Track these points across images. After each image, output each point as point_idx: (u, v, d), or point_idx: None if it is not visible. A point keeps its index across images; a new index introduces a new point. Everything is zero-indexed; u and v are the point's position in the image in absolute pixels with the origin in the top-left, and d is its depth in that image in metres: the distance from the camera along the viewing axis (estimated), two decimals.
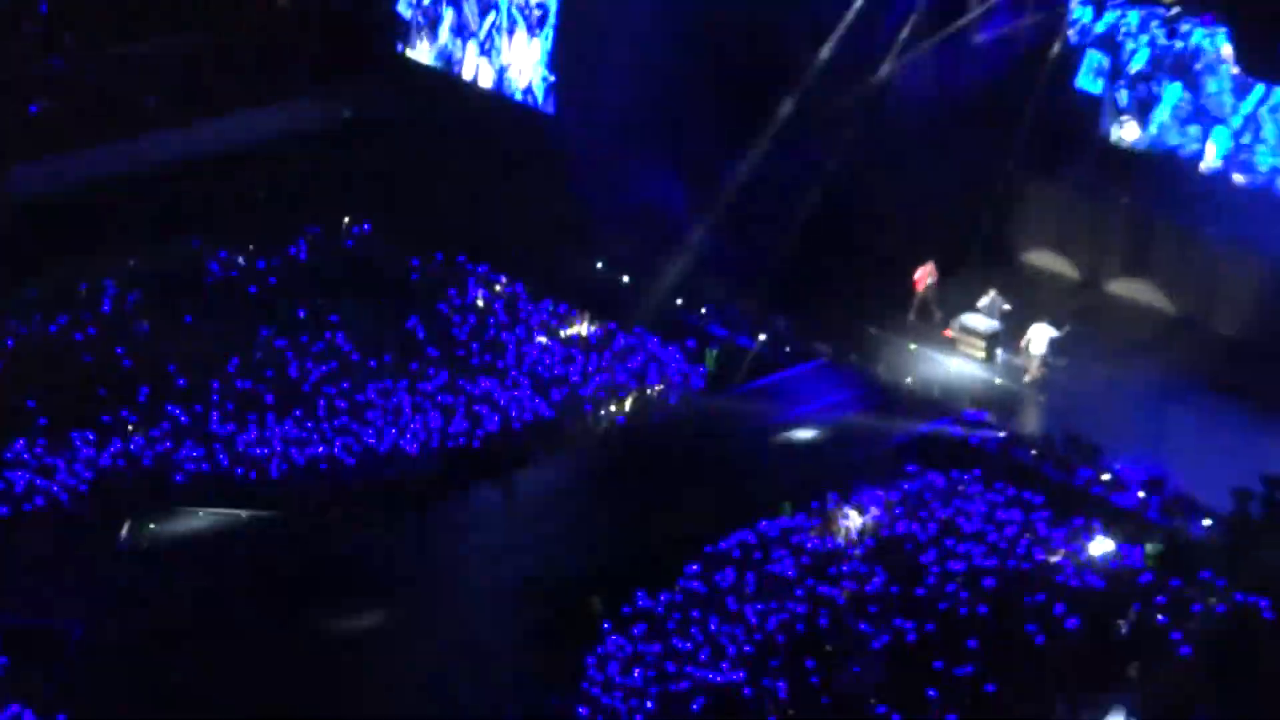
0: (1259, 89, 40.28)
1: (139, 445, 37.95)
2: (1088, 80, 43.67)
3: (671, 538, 35.11)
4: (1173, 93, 41.97)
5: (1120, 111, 43.19)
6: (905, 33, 44.07)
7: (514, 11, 49.46)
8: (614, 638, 32.44)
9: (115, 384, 40.13)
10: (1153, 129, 42.70)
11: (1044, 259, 44.80)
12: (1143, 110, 42.84)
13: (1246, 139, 41.00)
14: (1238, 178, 41.26)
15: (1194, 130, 41.97)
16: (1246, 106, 40.80)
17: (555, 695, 31.40)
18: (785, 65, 44.78)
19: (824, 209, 44.42)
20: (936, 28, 44.09)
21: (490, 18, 50.06)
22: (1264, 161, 40.77)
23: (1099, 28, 43.14)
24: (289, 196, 47.95)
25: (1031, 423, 38.94)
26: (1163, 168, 42.34)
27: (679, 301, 43.30)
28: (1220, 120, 41.36)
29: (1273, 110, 40.17)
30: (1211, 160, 41.53)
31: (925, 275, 41.94)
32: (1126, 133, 42.99)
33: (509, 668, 32.26)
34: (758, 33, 45.32)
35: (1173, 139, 42.21)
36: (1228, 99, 41.10)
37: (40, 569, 34.63)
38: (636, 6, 45.55)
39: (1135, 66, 42.74)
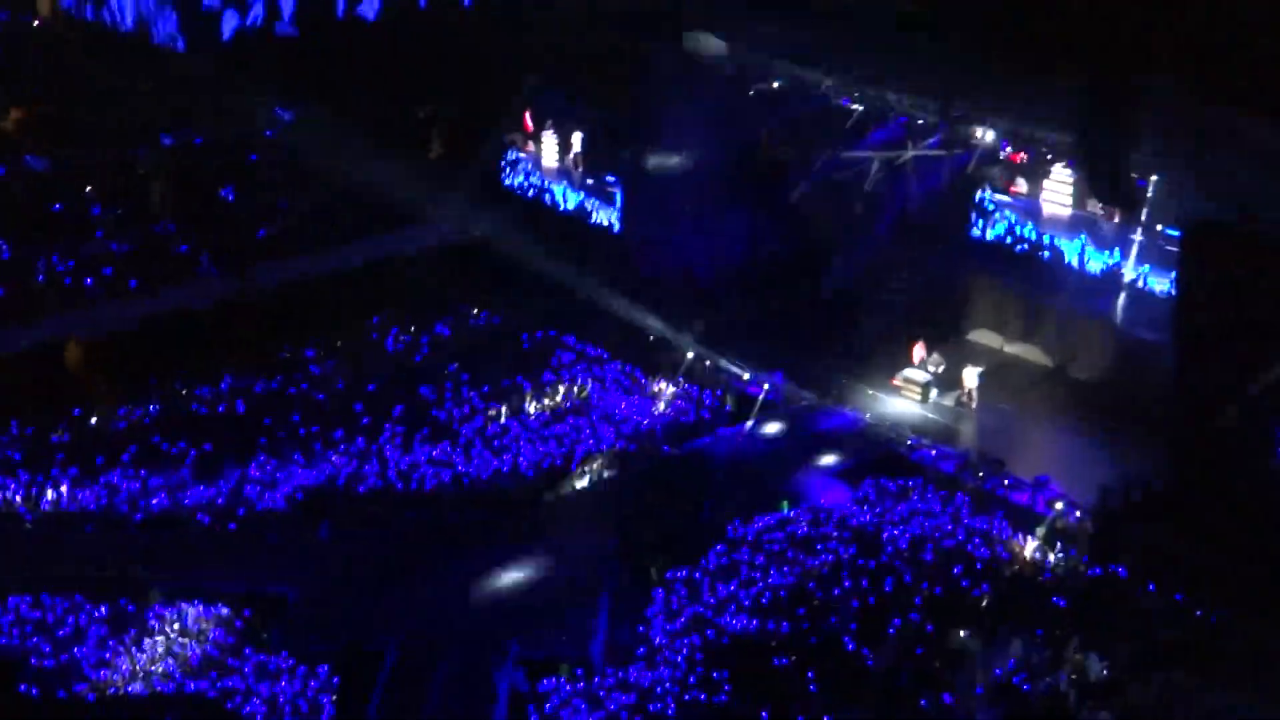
0: None
1: (339, 465, 38.53)
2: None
3: (703, 524, 35.75)
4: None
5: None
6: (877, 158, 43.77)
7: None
8: (660, 591, 33.37)
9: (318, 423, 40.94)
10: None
11: (977, 334, 44.44)
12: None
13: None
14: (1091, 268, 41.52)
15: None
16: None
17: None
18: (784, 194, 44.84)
19: (817, 289, 44.43)
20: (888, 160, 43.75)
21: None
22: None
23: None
24: (438, 292, 48.07)
25: (955, 443, 39.15)
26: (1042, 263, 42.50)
27: (708, 362, 43.04)
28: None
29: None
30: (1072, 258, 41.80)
31: (920, 349, 41.79)
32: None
33: (594, 608, 32.86)
34: (768, 179, 45.29)
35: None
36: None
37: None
38: (679, 186, 45.55)
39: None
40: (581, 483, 38.04)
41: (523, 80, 50.79)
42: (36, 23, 49.84)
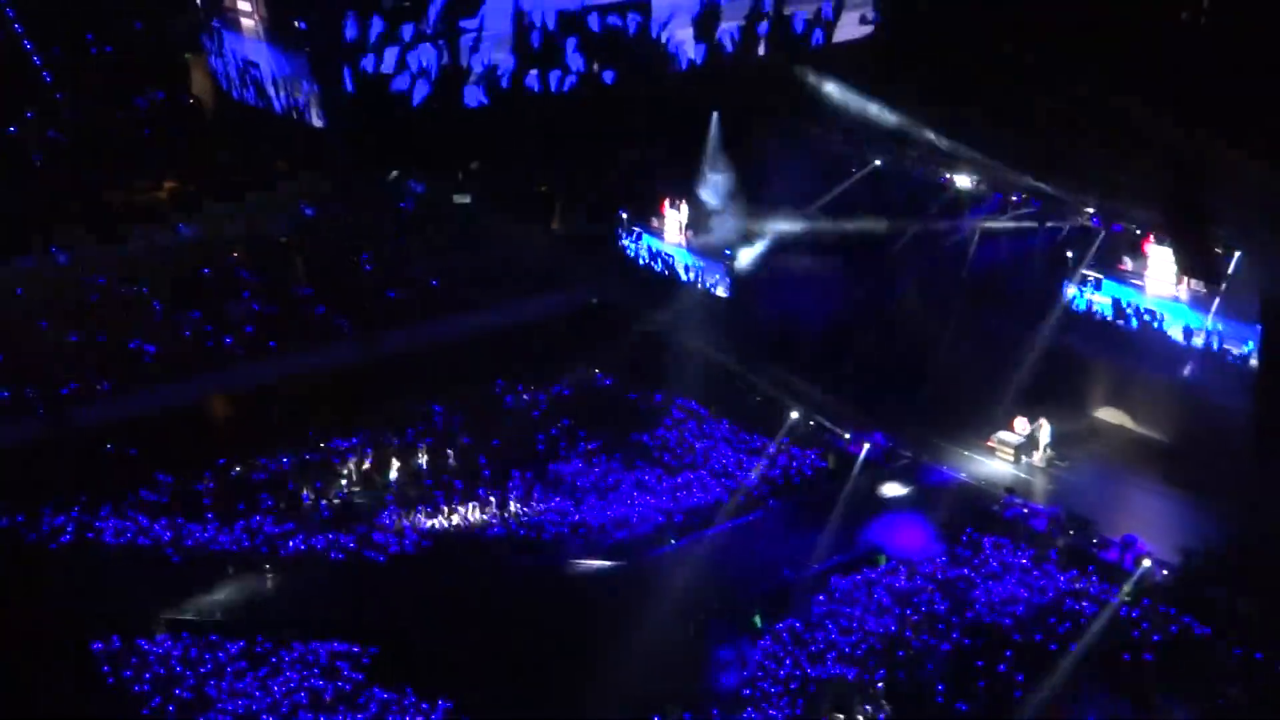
0: None
1: (462, 513, 39.57)
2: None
3: (806, 576, 36.29)
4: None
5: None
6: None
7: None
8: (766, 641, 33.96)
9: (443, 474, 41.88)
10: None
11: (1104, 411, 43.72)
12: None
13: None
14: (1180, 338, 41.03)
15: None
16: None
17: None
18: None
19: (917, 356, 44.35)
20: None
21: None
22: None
23: None
24: (557, 355, 48.63)
25: (1045, 502, 39.33)
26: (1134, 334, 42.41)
27: (811, 422, 43.49)
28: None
29: None
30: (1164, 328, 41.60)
31: (1022, 419, 41.68)
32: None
33: (703, 655, 33.57)
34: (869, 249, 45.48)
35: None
36: None
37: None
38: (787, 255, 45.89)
39: None
40: (690, 534, 38.49)
41: (642, 153, 51.28)
42: (191, 100, 51.21)
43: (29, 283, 46.92)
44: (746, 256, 48.12)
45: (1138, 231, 40.52)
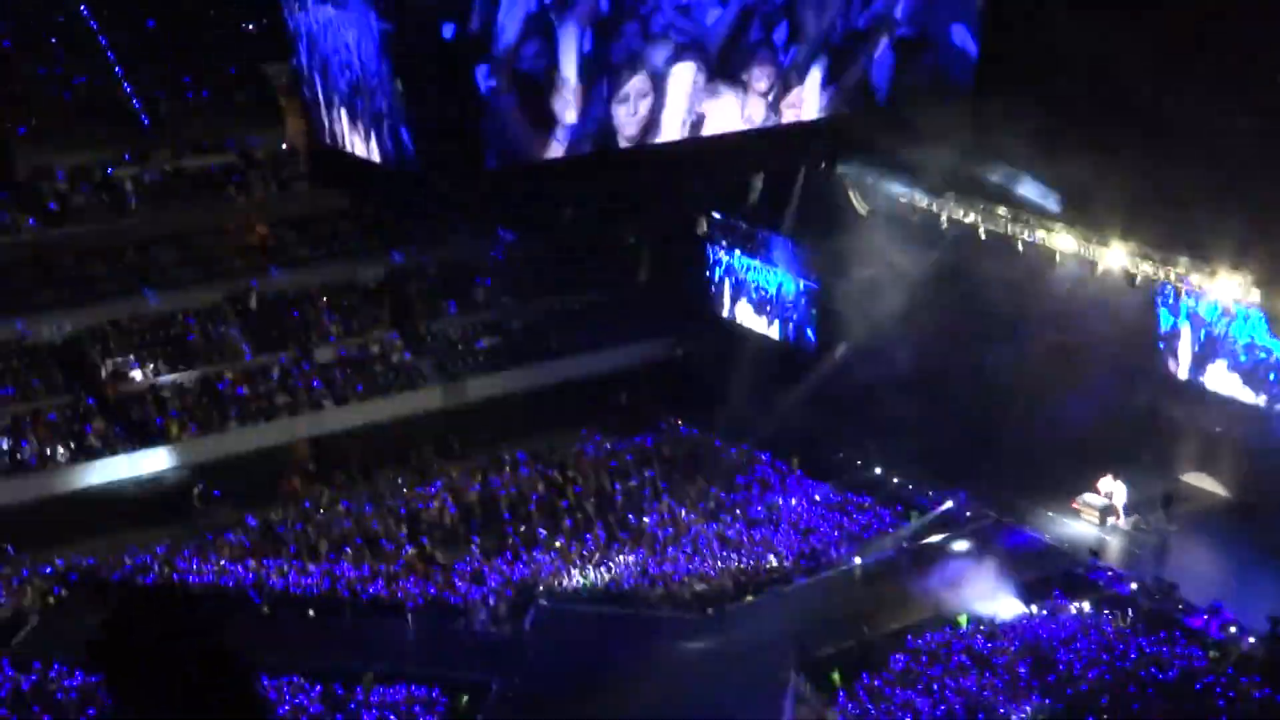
0: None
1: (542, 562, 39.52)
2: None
3: (884, 635, 35.95)
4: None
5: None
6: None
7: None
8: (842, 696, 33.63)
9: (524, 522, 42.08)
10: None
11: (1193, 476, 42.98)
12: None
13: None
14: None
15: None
16: None
17: None
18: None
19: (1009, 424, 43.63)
20: None
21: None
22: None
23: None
24: (644, 404, 49.17)
25: (1125, 562, 39.06)
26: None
27: (895, 480, 43.50)
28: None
29: None
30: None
31: (1108, 480, 41.23)
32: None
33: (775, 708, 33.29)
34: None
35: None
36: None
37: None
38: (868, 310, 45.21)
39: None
40: (768, 589, 38.36)
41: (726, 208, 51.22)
42: (285, 146, 51.79)
43: (128, 321, 47.24)
44: (829, 312, 47.69)
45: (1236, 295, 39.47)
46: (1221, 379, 40.57)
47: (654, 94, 39.21)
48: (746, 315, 51.55)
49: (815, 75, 41.77)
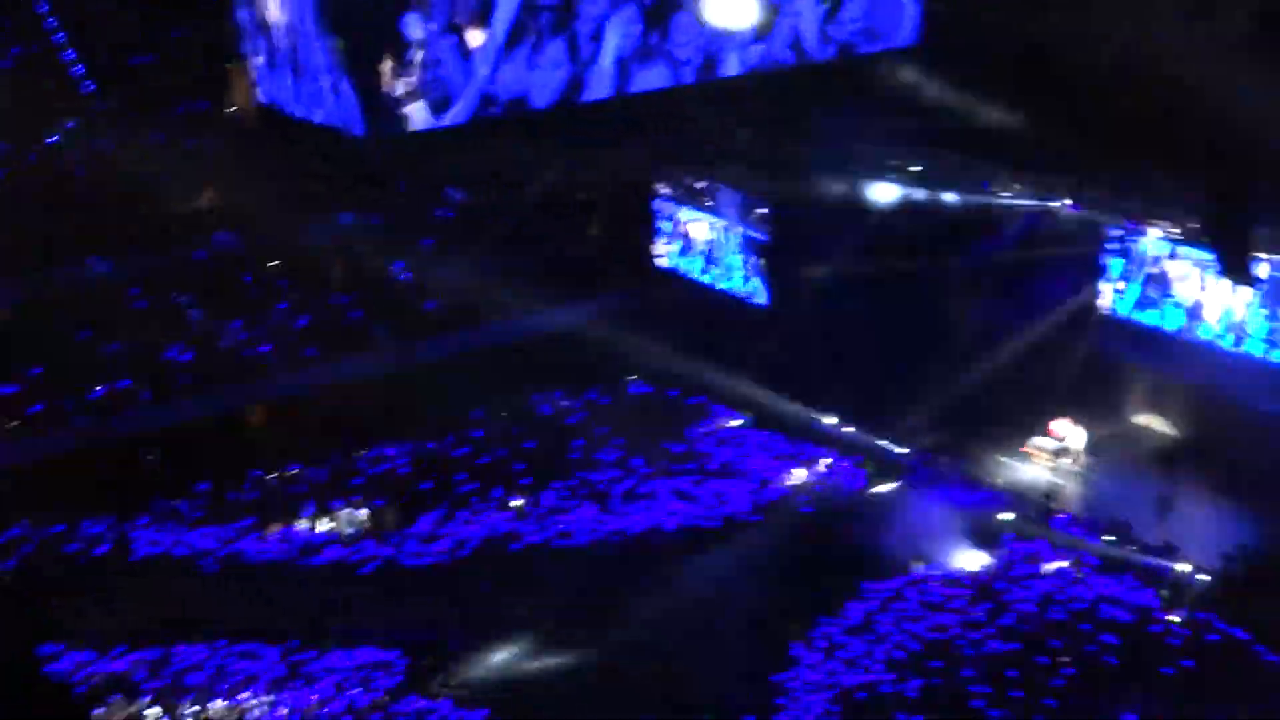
0: None
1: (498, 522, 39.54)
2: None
3: (839, 585, 35.95)
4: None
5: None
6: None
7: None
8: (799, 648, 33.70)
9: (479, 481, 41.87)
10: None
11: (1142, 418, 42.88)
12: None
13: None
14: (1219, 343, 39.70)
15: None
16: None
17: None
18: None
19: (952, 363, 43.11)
20: None
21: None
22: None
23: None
24: (593, 362, 48.24)
25: (1077, 505, 39.20)
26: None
27: (848, 429, 43.46)
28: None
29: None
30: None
31: (1061, 423, 41.44)
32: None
33: (734, 660, 33.14)
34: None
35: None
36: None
37: None
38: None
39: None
40: (725, 543, 38.26)
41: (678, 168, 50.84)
42: (233, 110, 51.16)
43: (70, 292, 46.70)
44: (780, 268, 47.50)
45: (1175, 234, 39.67)
46: (1168, 320, 40.65)
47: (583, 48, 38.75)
48: (696, 270, 51.13)
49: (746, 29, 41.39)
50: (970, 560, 36.71)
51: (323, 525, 39.47)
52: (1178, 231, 39.09)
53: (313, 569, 37.74)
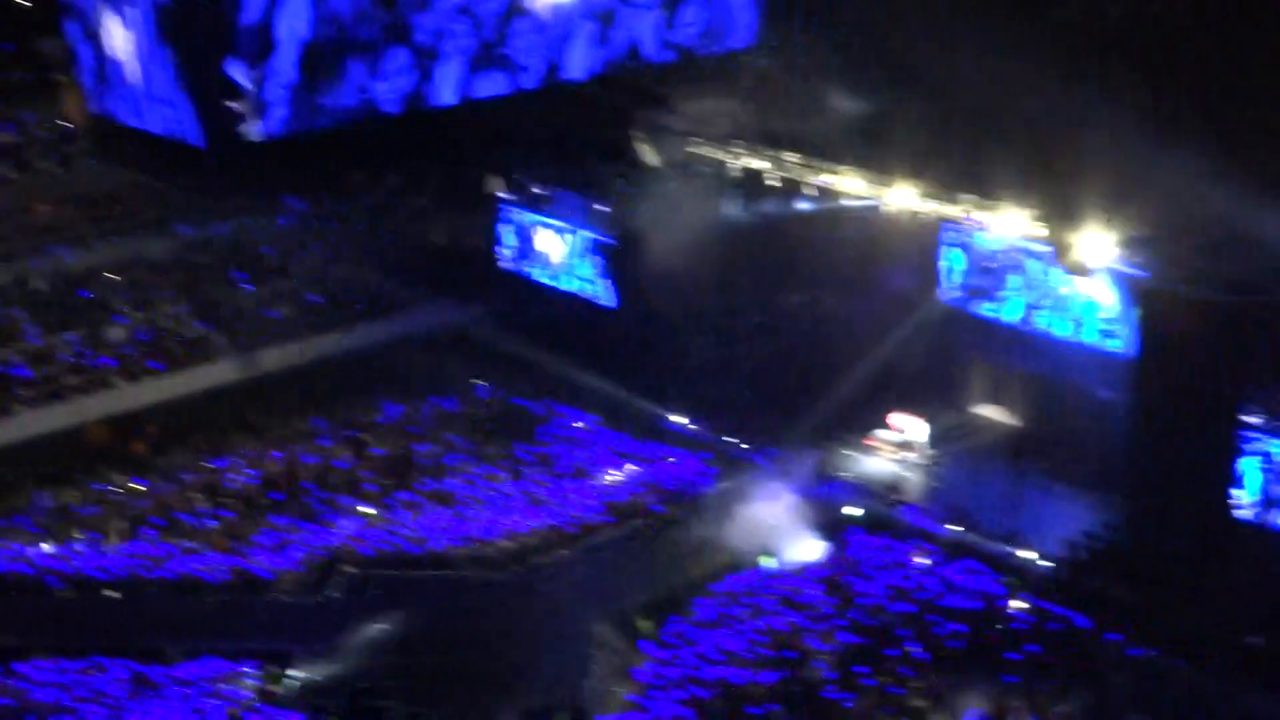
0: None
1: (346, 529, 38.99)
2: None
3: (690, 582, 36.16)
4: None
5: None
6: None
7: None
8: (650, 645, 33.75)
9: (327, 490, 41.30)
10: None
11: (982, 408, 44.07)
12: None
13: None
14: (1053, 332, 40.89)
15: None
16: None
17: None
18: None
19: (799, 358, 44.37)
20: None
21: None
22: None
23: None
24: (439, 367, 48.08)
25: (926, 499, 39.68)
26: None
27: (697, 428, 43.48)
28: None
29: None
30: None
31: (901, 415, 41.97)
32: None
33: (587, 660, 33.47)
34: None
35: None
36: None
37: None
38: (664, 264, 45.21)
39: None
40: (577, 544, 38.19)
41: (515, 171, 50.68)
42: (63, 122, 50.34)
43: None
44: (625, 268, 47.56)
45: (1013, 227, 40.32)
46: (1007, 311, 41.34)
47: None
48: (542, 274, 50.89)
49: (584, 35, 41.63)
50: (819, 553, 37.00)
51: (168, 538, 38.72)
52: (1015, 224, 39.67)
53: (158, 581, 36.93)
